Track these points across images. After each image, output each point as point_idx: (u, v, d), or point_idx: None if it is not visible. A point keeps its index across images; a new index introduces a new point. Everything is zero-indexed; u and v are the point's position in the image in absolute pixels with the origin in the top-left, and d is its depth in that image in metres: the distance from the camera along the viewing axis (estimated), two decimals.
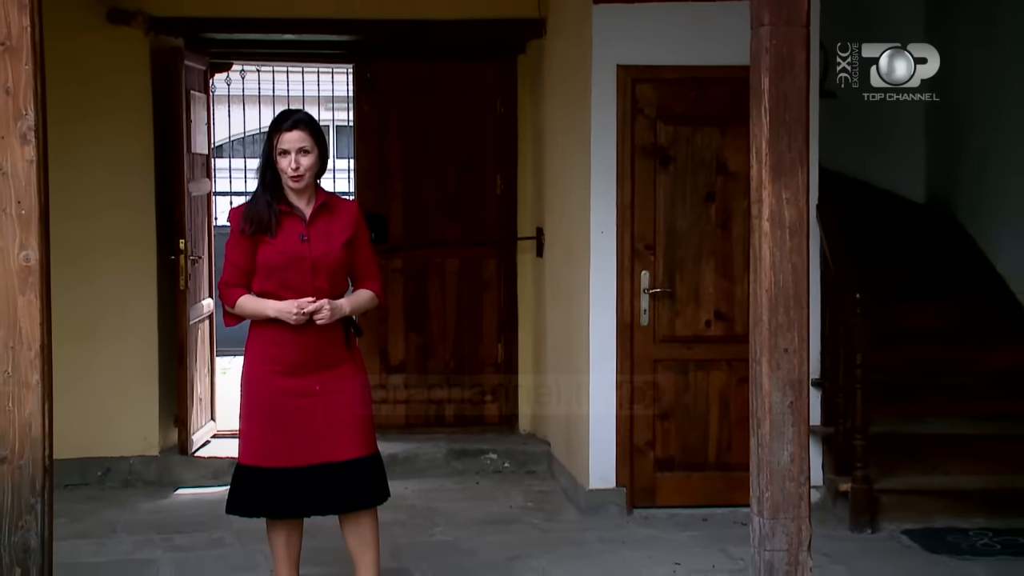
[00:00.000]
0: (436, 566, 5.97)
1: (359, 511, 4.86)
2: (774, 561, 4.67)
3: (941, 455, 7.08)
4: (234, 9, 7.77)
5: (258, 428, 4.82)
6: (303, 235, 4.78)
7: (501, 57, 8.30)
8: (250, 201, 4.87)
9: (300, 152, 4.74)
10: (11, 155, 4.07)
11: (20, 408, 4.10)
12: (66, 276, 5.89)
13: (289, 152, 4.74)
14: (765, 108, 4.63)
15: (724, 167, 6.92)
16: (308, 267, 4.75)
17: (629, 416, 6.94)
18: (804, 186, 4.67)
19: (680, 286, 6.95)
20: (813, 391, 6.68)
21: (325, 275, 4.78)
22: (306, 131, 4.78)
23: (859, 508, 6.67)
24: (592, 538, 6.48)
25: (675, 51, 6.81)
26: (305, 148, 4.75)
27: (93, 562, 6.04)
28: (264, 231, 4.75)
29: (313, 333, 4.76)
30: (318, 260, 4.77)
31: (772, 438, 4.66)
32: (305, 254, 4.76)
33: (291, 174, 4.73)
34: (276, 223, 4.76)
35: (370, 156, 8.39)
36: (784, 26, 4.61)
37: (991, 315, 7.92)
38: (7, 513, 4.11)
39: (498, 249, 8.43)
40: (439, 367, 8.42)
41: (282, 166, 4.76)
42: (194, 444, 7.87)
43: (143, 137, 7.68)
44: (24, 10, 4.03)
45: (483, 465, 7.97)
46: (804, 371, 4.68)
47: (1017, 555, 6.26)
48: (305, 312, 4.67)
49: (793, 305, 4.65)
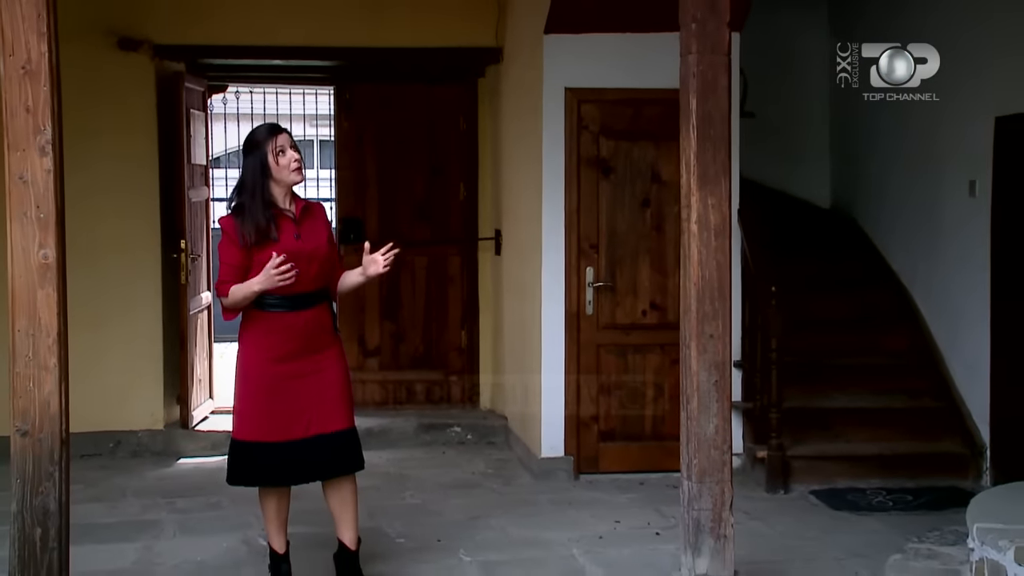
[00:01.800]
0: (407, 525, 5.96)
1: (341, 477, 4.84)
2: (701, 519, 4.70)
3: (843, 426, 7.15)
4: (229, 38, 7.73)
5: (255, 407, 4.75)
6: (297, 233, 4.73)
7: (464, 80, 8.27)
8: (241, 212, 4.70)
9: (294, 148, 4.74)
10: (31, 165, 4.05)
11: (40, 388, 4.08)
12: (80, 272, 5.81)
13: (285, 149, 4.71)
14: (693, 125, 4.65)
15: (658, 176, 6.92)
16: (305, 260, 4.69)
17: (576, 394, 6.95)
18: (727, 193, 4.70)
19: (620, 280, 6.96)
20: (735, 371, 6.67)
21: (317, 265, 4.75)
22: (290, 135, 4.80)
23: (774, 472, 6.72)
24: (544, 500, 6.49)
25: (615, 75, 6.81)
26: (295, 145, 4.76)
27: (105, 523, 6.00)
28: (265, 237, 4.66)
29: (303, 322, 4.72)
30: (312, 253, 4.73)
31: (699, 412, 4.70)
32: (302, 248, 4.70)
33: (295, 166, 4.70)
34: (275, 227, 4.69)
35: (349, 167, 8.36)
36: (709, 55, 4.64)
37: (886, 305, 7.96)
38: (29, 480, 4.09)
39: (461, 248, 8.41)
40: (410, 351, 8.40)
41: (283, 163, 4.68)
42: (194, 419, 7.83)
43: (149, 149, 7.64)
44: (42, 38, 4.01)
45: (448, 437, 7.95)
46: (727, 354, 4.72)
47: (906, 510, 6.35)
48: (281, 272, 4.53)
49: (717, 297, 4.68)
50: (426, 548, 5.54)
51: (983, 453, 6.96)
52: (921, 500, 6.55)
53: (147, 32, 7.54)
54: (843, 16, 8.79)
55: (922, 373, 7.49)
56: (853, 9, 8.61)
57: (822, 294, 7.87)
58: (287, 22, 7.73)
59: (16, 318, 4.07)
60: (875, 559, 5.23)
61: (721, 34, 4.63)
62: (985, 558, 4.42)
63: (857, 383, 7.47)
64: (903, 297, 7.91)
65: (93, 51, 7.33)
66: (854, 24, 8.61)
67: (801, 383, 7.14)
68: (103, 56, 7.42)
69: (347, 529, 4.88)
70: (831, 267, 8.25)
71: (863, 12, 8.44)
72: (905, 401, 7.36)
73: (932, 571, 4.84)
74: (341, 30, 7.80)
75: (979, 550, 4.48)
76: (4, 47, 4.00)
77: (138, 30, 7.51)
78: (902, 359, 7.65)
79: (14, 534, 4.08)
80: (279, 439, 4.71)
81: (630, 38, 6.69)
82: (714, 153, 4.64)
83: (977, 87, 6.89)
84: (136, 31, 7.51)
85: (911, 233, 7.87)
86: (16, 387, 4.07)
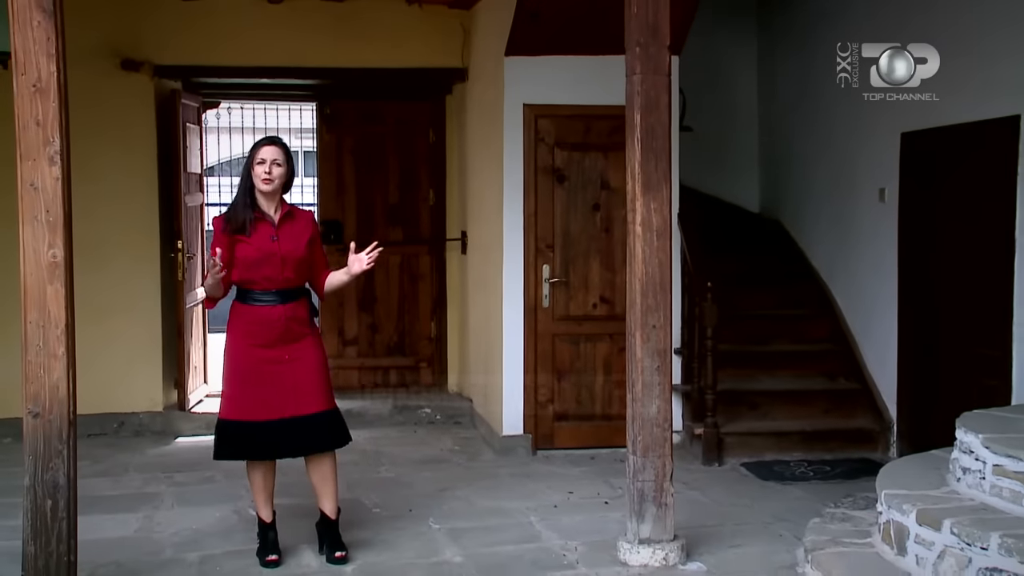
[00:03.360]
0: (382, 496, 5.95)
1: (320, 453, 4.83)
2: (644, 489, 4.76)
3: (770, 405, 7.17)
4: (221, 59, 7.68)
5: (240, 389, 4.75)
6: (273, 236, 4.73)
7: (433, 97, 8.25)
8: (231, 207, 4.82)
9: (274, 163, 4.70)
10: (41, 174, 4.04)
11: (49, 374, 4.07)
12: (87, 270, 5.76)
13: (265, 161, 4.70)
14: (637, 138, 4.69)
15: (606, 184, 6.92)
16: (279, 261, 4.70)
17: (534, 378, 6.94)
18: (668, 199, 4.74)
19: (573, 276, 6.95)
20: (675, 358, 6.77)
21: (292, 267, 4.74)
22: (279, 148, 4.77)
23: (709, 447, 6.73)
24: (504, 473, 6.48)
25: (568, 93, 6.80)
26: (278, 161, 4.72)
27: (110, 495, 5.96)
28: (241, 231, 4.69)
29: (280, 315, 4.72)
30: (287, 256, 4.72)
31: (643, 394, 4.74)
32: (276, 251, 4.71)
33: (263, 178, 4.69)
34: (251, 225, 4.71)
35: (329, 175, 8.31)
36: (651, 75, 4.68)
37: (807, 298, 7.97)
38: (40, 457, 4.08)
39: (431, 247, 8.39)
40: (384, 341, 8.38)
41: (257, 172, 4.71)
42: (190, 402, 7.78)
43: (149, 159, 7.58)
44: (51, 59, 4.01)
45: (419, 418, 7.93)
46: (668, 342, 4.76)
47: (824, 479, 6.39)
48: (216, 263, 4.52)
49: (659, 291, 4.72)
50: (399, 517, 5.53)
51: (891, 428, 7.01)
52: (837, 470, 6.58)
53: (147, 54, 7.50)
54: (769, 40, 8.84)
55: (839, 358, 7.52)
56: (777, 34, 8.67)
57: (752, 288, 7.86)
58: (274, 45, 7.69)
59: (28, 311, 4.06)
60: (797, 522, 5.26)
61: (662, 57, 4.67)
62: (891, 520, 4.49)
63: (782, 367, 7.50)
64: (822, 291, 7.93)
65: (99, 71, 7.29)
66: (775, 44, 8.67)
67: (734, 368, 7.16)
68: (108, 76, 7.36)
69: (328, 500, 4.89)
70: (760, 264, 8.25)
71: (787, 32, 8.49)
72: (824, 383, 7.39)
73: (846, 532, 4.88)
74: (322, 52, 7.76)
75: (886, 513, 4.55)
76: (17, 67, 4.00)
77: (139, 52, 7.47)
78: (821, 346, 7.66)
79: (27, 505, 4.08)
80: (258, 418, 4.70)
81: (581, 60, 6.69)
82: (656, 163, 4.68)
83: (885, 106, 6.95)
84: (137, 53, 7.46)
85: (829, 234, 7.90)
86: (28, 373, 4.06)
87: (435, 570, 4.72)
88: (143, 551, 5.00)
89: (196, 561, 4.85)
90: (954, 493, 4.54)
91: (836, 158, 7.70)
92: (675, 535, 4.80)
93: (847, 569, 4.40)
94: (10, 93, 4.01)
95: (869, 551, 4.60)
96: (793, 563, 4.77)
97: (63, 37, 4.04)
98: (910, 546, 4.34)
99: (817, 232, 8.11)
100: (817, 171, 8.04)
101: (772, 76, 8.82)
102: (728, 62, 8.95)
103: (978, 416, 4.89)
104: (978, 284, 6.15)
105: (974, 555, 4.04)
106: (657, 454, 4.73)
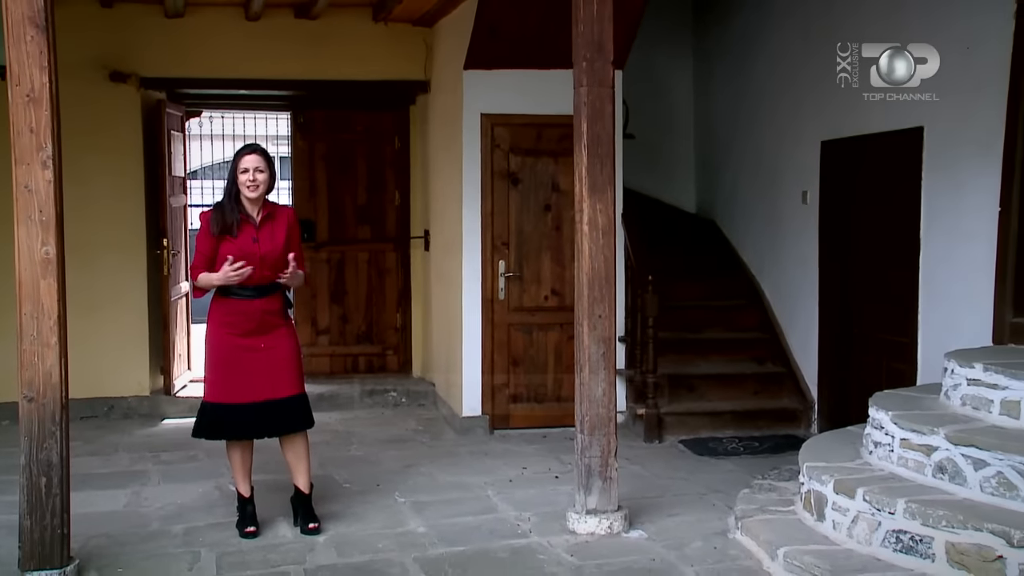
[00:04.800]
0: (352, 472, 5.95)
1: (294, 433, 4.84)
2: (591, 464, 4.79)
3: (705, 388, 7.20)
4: (203, 72, 7.63)
5: (221, 375, 4.75)
6: (254, 237, 4.73)
7: (398, 107, 8.22)
8: (217, 208, 4.78)
9: (256, 171, 4.69)
10: (35, 177, 4.01)
11: (43, 362, 4.05)
12: (79, 265, 5.74)
13: (248, 170, 4.69)
14: (584, 145, 4.70)
15: (557, 186, 6.94)
16: (257, 260, 4.70)
17: (491, 364, 6.95)
18: (612, 200, 4.76)
19: (526, 271, 6.97)
20: (619, 345, 6.76)
21: (269, 266, 4.73)
22: (261, 156, 4.75)
23: (650, 426, 6.76)
24: (464, 451, 6.49)
25: (522, 104, 6.82)
26: (260, 168, 4.70)
27: (101, 473, 5.93)
28: (227, 231, 4.69)
29: (256, 307, 4.72)
30: (265, 256, 4.72)
31: (590, 378, 4.76)
32: (256, 251, 4.70)
33: (248, 185, 4.69)
34: (237, 226, 4.71)
35: (303, 178, 8.26)
36: (597, 87, 4.70)
37: (738, 290, 7.99)
38: (35, 437, 4.06)
39: (396, 245, 8.37)
40: (354, 330, 8.36)
41: (242, 180, 4.70)
42: (175, 387, 7.72)
43: (136, 164, 7.52)
44: (44, 71, 3.99)
45: (387, 400, 7.92)
46: (613, 331, 4.78)
47: (753, 454, 6.45)
48: (236, 271, 4.60)
49: (605, 284, 4.74)
50: (368, 491, 5.54)
51: (812, 407, 7.08)
52: (765, 446, 6.64)
53: (134, 67, 7.44)
54: (704, 56, 8.91)
55: (767, 345, 7.56)
56: (711, 50, 8.74)
57: (689, 282, 7.88)
58: (251, 59, 7.64)
59: (23, 304, 4.03)
60: (729, 493, 5.31)
61: (607, 71, 4.69)
62: (812, 489, 4.55)
63: (716, 353, 7.53)
64: (752, 284, 7.97)
65: (90, 83, 7.24)
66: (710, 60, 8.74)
67: (673, 354, 7.19)
68: (98, 87, 7.31)
69: (301, 476, 4.89)
70: (696, 260, 8.26)
71: (719, 49, 8.54)
72: (753, 367, 7.44)
73: (772, 501, 4.94)
74: (296, 66, 7.72)
75: (807, 483, 4.61)
76: (12, 78, 3.97)
77: (127, 65, 7.41)
78: (751, 334, 7.70)
79: (23, 482, 4.07)
80: (237, 401, 4.71)
81: (533, 74, 6.71)
82: (602, 167, 4.70)
83: (808, 116, 7.02)
84: (125, 66, 7.41)
85: (758, 232, 7.94)
86: (23, 361, 4.04)
87: (400, 539, 4.73)
88: (131, 524, 4.98)
89: (181, 533, 4.83)
90: (867, 465, 4.62)
91: (764, 164, 7.74)
92: (619, 506, 4.83)
93: (772, 534, 4.45)
94: (5, 102, 3.99)
95: (792, 518, 4.65)
96: (725, 529, 4.82)
97: (55, 51, 4.02)
98: (828, 512, 4.41)
99: (747, 231, 8.14)
100: (747, 176, 8.08)
101: (707, 88, 8.87)
102: (667, 75, 8.97)
103: (888, 396, 4.97)
104: (889, 278, 6.22)
105: (883, 519, 4.12)
106: (603, 432, 4.77)
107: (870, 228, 6.43)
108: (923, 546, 3.98)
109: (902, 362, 6.05)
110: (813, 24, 6.96)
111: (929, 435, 4.32)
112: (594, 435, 4.76)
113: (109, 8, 7.37)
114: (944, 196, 5.72)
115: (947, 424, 4.35)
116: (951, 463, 4.22)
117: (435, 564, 4.40)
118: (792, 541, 4.34)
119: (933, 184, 5.79)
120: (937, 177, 5.76)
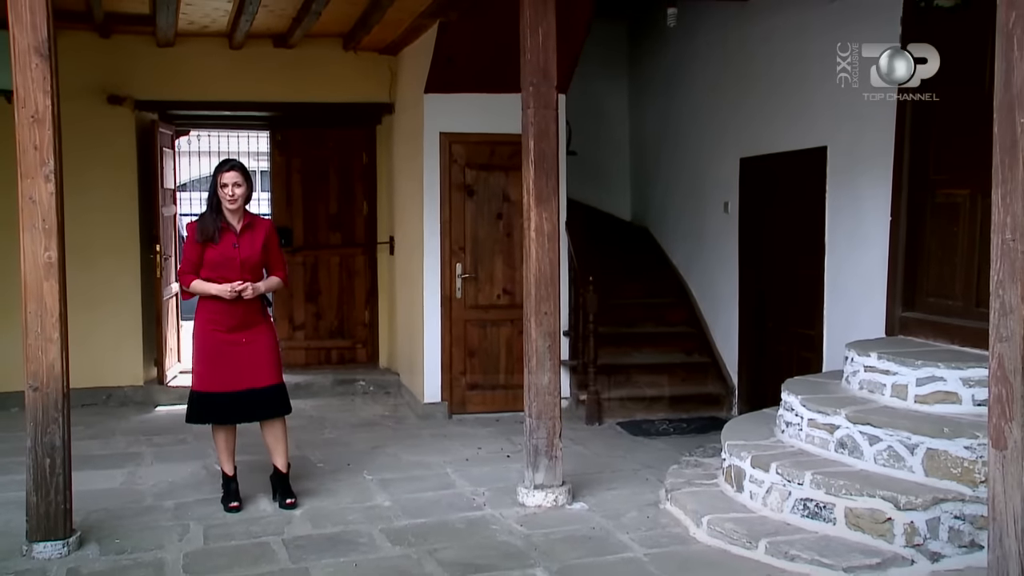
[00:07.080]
0: (325, 453, 5.95)
1: (273, 418, 4.85)
2: (538, 445, 4.82)
3: (640, 376, 7.23)
4: (191, 95, 7.61)
5: (207, 366, 4.75)
6: (235, 244, 4.73)
7: (366, 126, 8.21)
8: (201, 219, 4.77)
9: (235, 185, 4.68)
10: (38, 190, 4.01)
11: (46, 355, 4.05)
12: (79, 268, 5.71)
13: (227, 185, 4.68)
14: (531, 160, 4.74)
15: (508, 197, 6.95)
16: (238, 265, 4.71)
17: (449, 356, 6.95)
18: (557, 209, 4.80)
19: (481, 272, 6.98)
20: (564, 338, 6.87)
21: (249, 270, 4.74)
22: (239, 172, 4.73)
23: (591, 410, 6.80)
24: (426, 434, 6.50)
25: (476, 124, 6.83)
26: (238, 183, 4.69)
27: (100, 454, 5.90)
28: (210, 240, 4.69)
29: (240, 305, 4.73)
30: (245, 261, 4.73)
31: (537, 368, 4.79)
32: (236, 256, 4.71)
33: (228, 199, 4.69)
34: (218, 235, 4.71)
35: (280, 189, 8.23)
36: (542, 109, 4.73)
37: (668, 289, 8.01)
38: (39, 423, 4.05)
39: (365, 249, 8.36)
40: (327, 326, 8.33)
41: (222, 194, 4.69)
42: (167, 377, 7.66)
43: (130, 178, 7.49)
44: (47, 95, 3.99)
45: (356, 389, 7.92)
46: (558, 326, 4.82)
47: (682, 434, 6.50)
48: (235, 290, 4.65)
49: (550, 284, 4.77)
50: (339, 470, 5.54)
51: (733, 392, 7.14)
52: (692, 427, 6.70)
53: (130, 91, 7.41)
54: (638, 81, 8.99)
55: (694, 338, 7.59)
56: (644, 77, 8.82)
57: (625, 282, 7.89)
58: (234, 84, 7.63)
59: (27, 303, 4.02)
60: (660, 468, 5.37)
61: (551, 95, 4.73)
62: (732, 464, 4.65)
63: (649, 345, 7.56)
64: (681, 284, 7.99)
65: (90, 105, 7.22)
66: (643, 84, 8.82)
67: (611, 346, 7.21)
68: (97, 109, 7.29)
69: (279, 457, 4.90)
70: (631, 262, 8.26)
71: (651, 76, 8.59)
72: (682, 358, 7.47)
73: (698, 475, 5.01)
74: (274, 89, 7.72)
75: (728, 459, 4.70)
76: (18, 101, 3.96)
77: (123, 89, 7.38)
78: (680, 328, 7.73)
79: (29, 463, 4.07)
80: (221, 389, 4.72)
81: (486, 97, 6.73)
82: (547, 180, 4.74)
83: (728, 135, 7.11)
84: (121, 90, 7.38)
85: (685, 237, 7.96)
86: (28, 355, 4.04)
87: (368, 512, 4.76)
88: (127, 500, 4.96)
89: (172, 507, 4.83)
90: (779, 442, 4.71)
91: (690, 177, 7.78)
92: (563, 481, 4.87)
93: (698, 504, 4.52)
94: (12, 123, 3.99)
95: (715, 489, 4.73)
96: (656, 501, 4.88)
97: (57, 76, 4.01)
98: (746, 484, 4.49)
99: (676, 236, 8.16)
100: (676, 187, 8.10)
101: (640, 111, 8.90)
102: (605, 99, 9.00)
103: (798, 381, 5.06)
104: (798, 278, 6.30)
105: (793, 489, 4.23)
106: (549, 416, 4.80)
107: (783, 234, 6.51)
108: (826, 512, 4.09)
109: (810, 351, 6.14)
110: (733, 56, 7.06)
111: (832, 415, 4.43)
112: (541, 419, 4.79)
113: (107, 38, 7.31)
114: (845, 207, 5.82)
115: (847, 406, 4.46)
116: (850, 439, 4.34)
117: (399, 534, 4.43)
118: (715, 510, 4.41)
119: (836, 196, 5.88)
120: (839, 190, 5.86)
